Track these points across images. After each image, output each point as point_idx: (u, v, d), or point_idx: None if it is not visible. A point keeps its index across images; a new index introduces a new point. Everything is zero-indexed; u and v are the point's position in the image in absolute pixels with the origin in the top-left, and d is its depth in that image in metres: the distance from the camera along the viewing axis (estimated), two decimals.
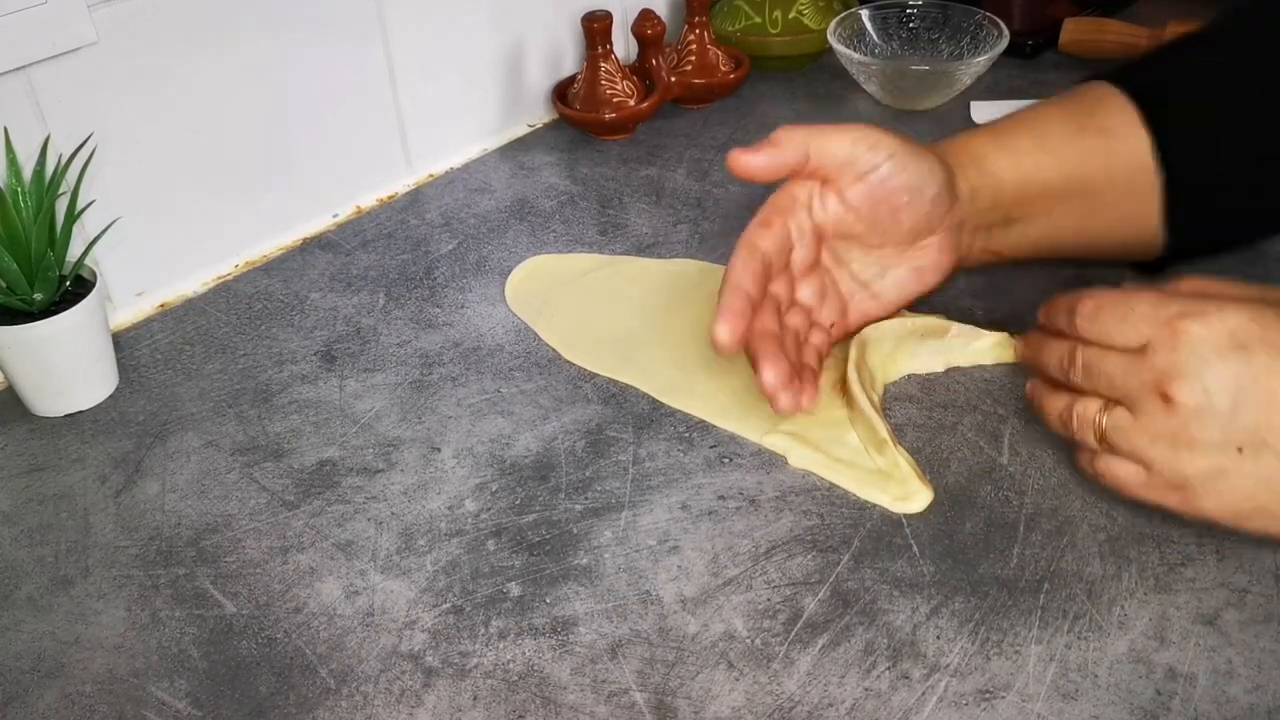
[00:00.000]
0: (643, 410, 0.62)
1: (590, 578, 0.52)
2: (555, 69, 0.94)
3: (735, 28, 0.99)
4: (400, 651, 0.49)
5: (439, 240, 0.79)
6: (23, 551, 0.55)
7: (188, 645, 0.50)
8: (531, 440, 0.60)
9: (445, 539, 0.54)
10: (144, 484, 0.59)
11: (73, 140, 0.65)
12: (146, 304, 0.74)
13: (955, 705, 0.45)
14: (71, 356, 0.62)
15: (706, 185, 0.83)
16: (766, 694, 0.46)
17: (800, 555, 0.52)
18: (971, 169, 0.59)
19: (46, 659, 0.50)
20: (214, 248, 0.76)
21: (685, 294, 0.70)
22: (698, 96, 0.94)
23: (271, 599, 0.52)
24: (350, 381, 0.65)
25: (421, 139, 0.86)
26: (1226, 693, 0.45)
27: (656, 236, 0.77)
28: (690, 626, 0.49)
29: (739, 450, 0.59)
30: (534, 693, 0.47)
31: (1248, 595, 0.49)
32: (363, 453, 0.60)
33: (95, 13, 0.65)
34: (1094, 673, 0.46)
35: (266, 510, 0.57)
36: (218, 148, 0.74)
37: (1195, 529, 0.52)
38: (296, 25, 0.75)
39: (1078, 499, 0.54)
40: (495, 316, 0.70)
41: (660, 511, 0.55)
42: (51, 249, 0.61)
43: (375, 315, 0.71)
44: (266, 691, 0.48)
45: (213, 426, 0.63)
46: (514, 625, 0.50)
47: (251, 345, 0.69)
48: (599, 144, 0.90)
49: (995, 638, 0.48)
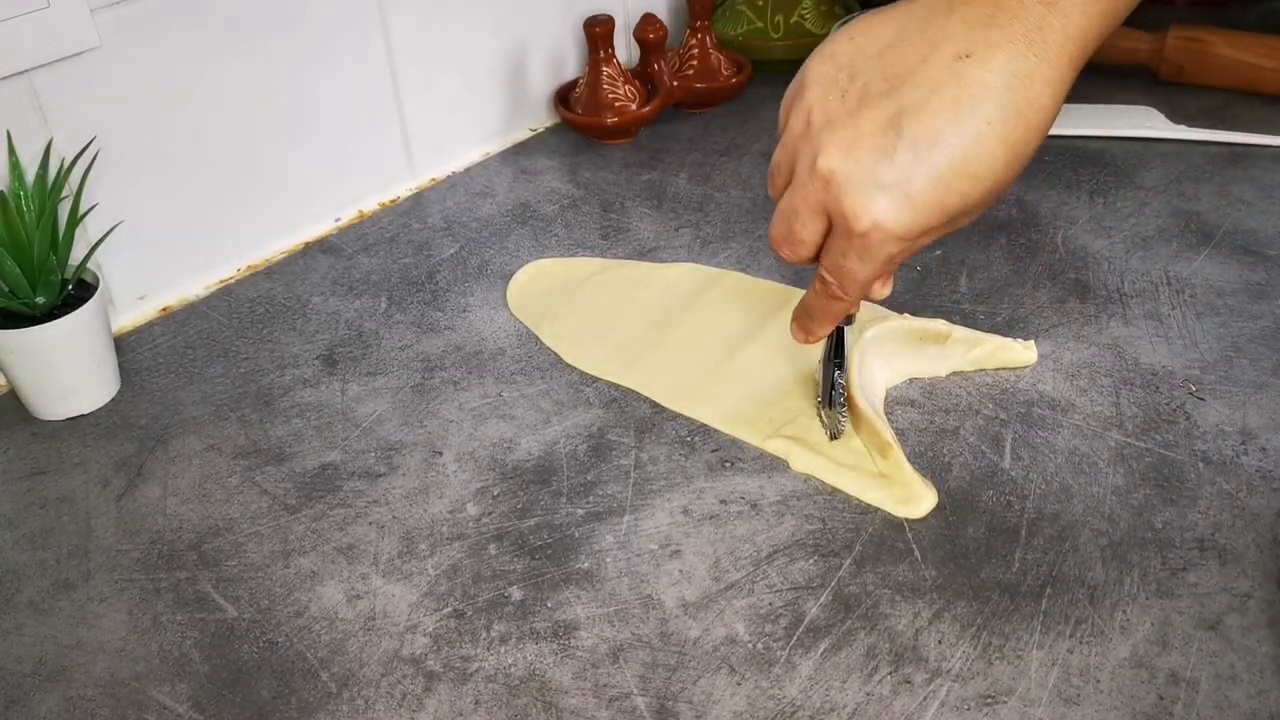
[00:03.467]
0: (644, 414, 0.62)
1: (592, 582, 0.52)
2: (557, 73, 0.94)
3: (737, 32, 0.99)
4: (402, 655, 0.49)
5: (441, 244, 0.79)
6: (24, 555, 0.55)
7: (189, 649, 0.50)
8: (533, 444, 0.60)
9: (447, 543, 0.54)
10: (146, 488, 0.59)
11: (75, 144, 0.65)
12: (148, 308, 0.74)
13: (957, 710, 0.45)
14: (73, 360, 0.62)
15: (708, 189, 0.83)
16: (768, 698, 0.46)
17: (802, 560, 0.52)
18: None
19: (48, 662, 0.50)
20: (216, 251, 0.77)
21: (687, 298, 0.70)
22: (700, 101, 0.94)
23: (273, 603, 0.52)
24: (352, 385, 0.65)
25: (423, 143, 0.86)
26: (1229, 698, 0.45)
27: (658, 241, 0.77)
28: (692, 631, 0.49)
29: (740, 454, 0.59)
30: (535, 697, 0.47)
31: (1250, 600, 0.49)
32: (364, 457, 0.60)
33: (98, 17, 0.65)
34: (1096, 678, 0.46)
35: (268, 514, 0.57)
36: (220, 151, 0.74)
37: (1197, 534, 0.52)
38: (299, 29, 0.75)
39: (1080, 504, 0.54)
40: (497, 320, 0.70)
41: (662, 515, 0.55)
42: (54, 252, 0.61)
43: (377, 319, 0.71)
44: (268, 695, 0.48)
45: (214, 430, 0.63)
46: (515, 629, 0.50)
47: (253, 349, 0.69)
48: (601, 148, 0.90)
49: (997, 642, 0.48)
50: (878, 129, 0.45)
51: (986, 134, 0.44)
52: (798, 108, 0.49)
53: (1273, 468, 0.55)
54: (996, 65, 0.43)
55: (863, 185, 0.45)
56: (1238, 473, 0.55)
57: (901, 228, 0.46)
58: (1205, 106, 0.87)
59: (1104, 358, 0.63)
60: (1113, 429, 0.58)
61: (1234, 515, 0.53)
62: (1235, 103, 0.88)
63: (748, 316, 0.68)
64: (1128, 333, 0.65)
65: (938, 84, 0.44)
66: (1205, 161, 0.81)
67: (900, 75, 0.45)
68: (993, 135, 0.44)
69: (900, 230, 0.46)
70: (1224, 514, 0.53)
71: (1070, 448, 0.57)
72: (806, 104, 0.48)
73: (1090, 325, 0.65)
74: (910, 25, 0.46)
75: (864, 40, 0.47)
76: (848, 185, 0.46)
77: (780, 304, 0.69)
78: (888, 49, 0.46)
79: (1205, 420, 0.58)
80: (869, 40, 0.47)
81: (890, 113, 0.45)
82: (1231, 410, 0.59)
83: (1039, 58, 0.44)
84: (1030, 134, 0.45)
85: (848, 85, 0.46)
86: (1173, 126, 0.84)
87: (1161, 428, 0.58)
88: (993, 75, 0.43)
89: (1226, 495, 0.54)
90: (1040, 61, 0.44)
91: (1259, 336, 0.64)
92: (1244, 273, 0.69)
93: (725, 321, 0.68)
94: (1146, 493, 0.54)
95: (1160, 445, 0.57)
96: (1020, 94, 0.44)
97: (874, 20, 0.47)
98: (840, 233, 0.48)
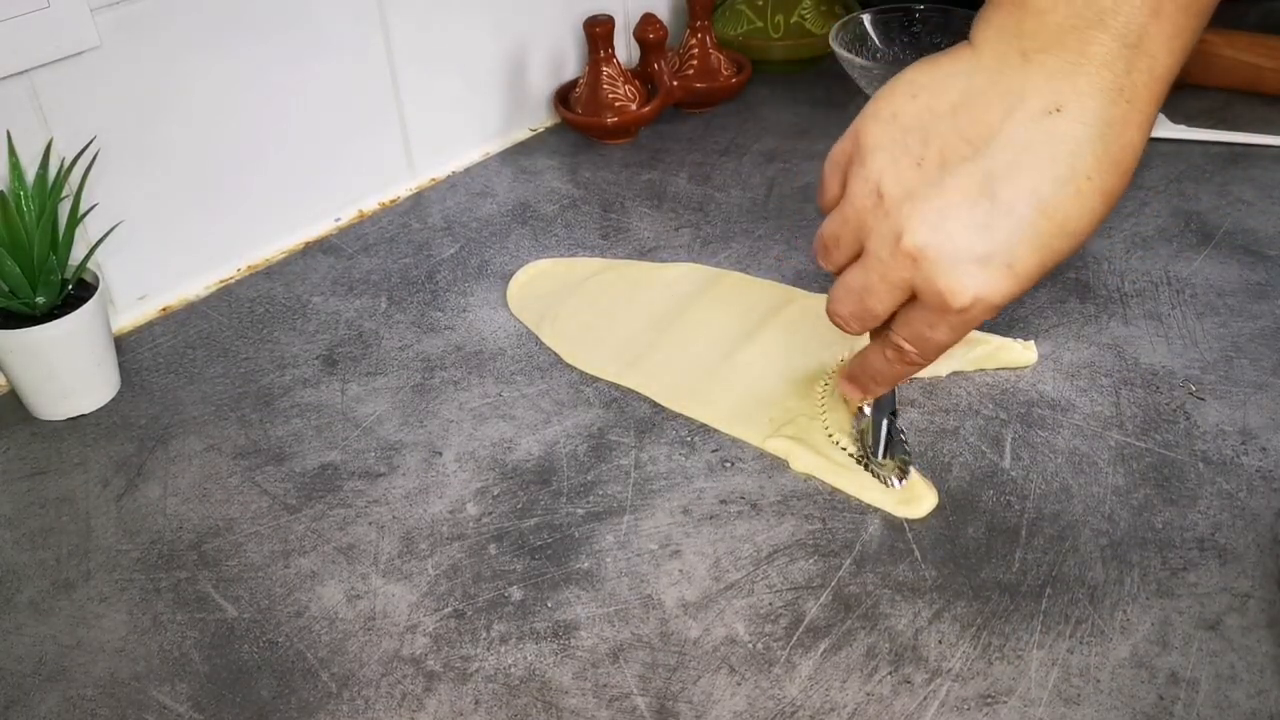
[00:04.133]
0: (644, 414, 0.62)
1: (592, 582, 0.52)
2: (557, 73, 0.94)
3: (737, 32, 0.99)
4: (402, 655, 0.49)
5: (441, 244, 0.79)
6: (24, 555, 0.55)
7: (189, 649, 0.50)
8: (533, 444, 0.60)
9: (447, 543, 0.54)
10: (146, 488, 0.59)
11: (75, 144, 0.65)
12: (148, 307, 0.74)
13: (957, 710, 0.45)
14: (73, 360, 0.62)
15: (708, 189, 0.83)
16: (768, 698, 0.46)
17: (802, 560, 0.52)
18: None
19: (48, 662, 0.50)
20: (216, 251, 0.77)
21: (687, 298, 0.70)
22: (700, 101, 0.94)
23: (273, 603, 0.52)
24: (352, 385, 0.66)
25: (423, 143, 0.86)
26: (1229, 698, 0.45)
27: (658, 240, 0.77)
28: (692, 631, 0.49)
29: (741, 454, 0.59)
30: (535, 697, 0.47)
31: (1250, 600, 0.49)
32: (364, 456, 0.60)
33: (98, 17, 0.65)
34: (1096, 678, 0.46)
35: (268, 514, 0.57)
36: (220, 151, 0.74)
37: (1197, 534, 0.52)
38: (299, 28, 0.75)
39: (1080, 504, 0.54)
40: (497, 320, 0.70)
41: (662, 516, 0.55)
42: (54, 252, 0.61)
43: (377, 319, 0.71)
44: (268, 695, 0.48)
45: (214, 430, 0.63)
46: (515, 629, 0.50)
47: (253, 349, 0.69)
48: (601, 148, 0.90)
49: (997, 642, 0.48)
50: (967, 197, 0.42)
51: (1086, 189, 0.41)
52: (859, 175, 0.45)
53: (1273, 468, 0.55)
54: (1090, 117, 0.41)
55: (958, 261, 0.42)
56: (1238, 473, 0.55)
57: (1003, 298, 0.43)
58: (1205, 106, 0.87)
59: (1104, 358, 0.63)
60: (1113, 429, 0.58)
61: (1234, 515, 0.53)
62: (1235, 103, 0.88)
63: (748, 316, 0.68)
64: (1128, 333, 0.65)
65: (1028, 142, 0.41)
66: (1205, 161, 0.81)
67: (982, 135, 0.42)
68: (1092, 189, 0.41)
69: (1002, 300, 0.43)
70: (1224, 514, 0.53)
71: (1070, 448, 0.57)
72: (872, 173, 0.44)
73: (1090, 325, 0.65)
74: (980, 79, 0.42)
75: (929, 98, 0.43)
76: (941, 262, 0.42)
77: (780, 304, 0.69)
78: (961, 107, 0.42)
79: (1205, 420, 0.58)
80: (935, 98, 0.43)
81: (979, 178, 0.42)
82: (1231, 410, 0.59)
83: (1130, 103, 0.41)
84: (1123, 179, 0.42)
85: (922, 150, 0.43)
86: (1173, 126, 0.84)
87: (1161, 428, 0.58)
88: (1086, 128, 0.41)
89: (1226, 495, 0.54)
90: (1132, 107, 0.41)
91: (1259, 336, 0.64)
92: (1244, 273, 0.69)
93: (725, 321, 0.68)
94: (1146, 493, 0.54)
95: (1160, 445, 0.57)
96: (1115, 142, 0.41)
97: (935, 74, 0.43)
98: (930, 307, 0.44)
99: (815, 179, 0.83)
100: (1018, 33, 0.41)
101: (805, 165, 0.85)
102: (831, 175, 0.47)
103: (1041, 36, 0.41)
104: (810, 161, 0.85)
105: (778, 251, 0.75)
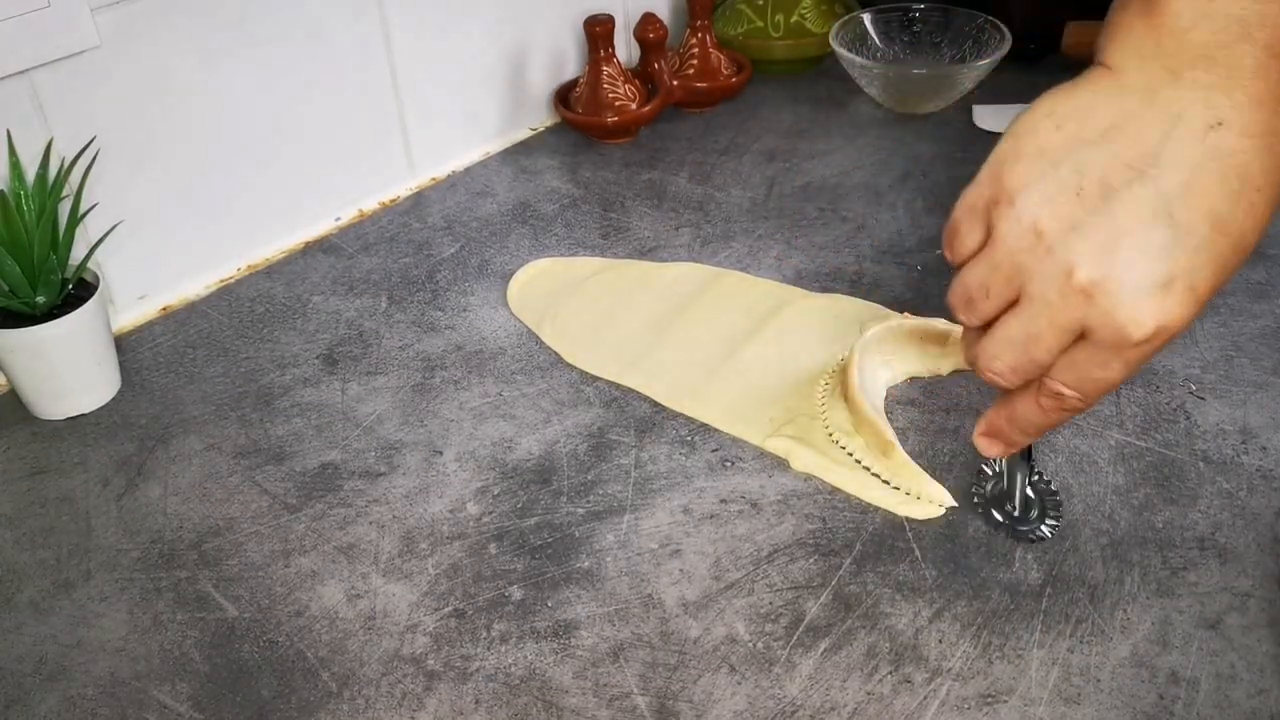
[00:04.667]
0: (644, 414, 0.62)
1: (592, 581, 0.52)
2: (557, 73, 0.94)
3: (737, 31, 0.99)
4: (402, 655, 0.49)
5: (441, 244, 0.79)
6: (25, 554, 0.55)
7: (189, 648, 0.50)
8: (533, 444, 0.60)
9: (447, 542, 0.54)
10: (146, 487, 0.59)
11: (75, 143, 0.65)
12: (149, 307, 0.74)
13: (958, 709, 0.45)
14: (74, 359, 0.62)
15: (708, 189, 0.83)
16: (768, 698, 0.46)
17: (802, 559, 0.52)
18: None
19: (48, 662, 0.50)
20: (216, 251, 0.77)
21: (687, 298, 0.70)
22: (700, 100, 0.94)
23: (273, 602, 0.52)
24: (352, 385, 0.66)
25: (423, 142, 0.86)
26: (1229, 697, 0.45)
27: (658, 240, 0.77)
28: (692, 630, 0.49)
29: (741, 454, 0.59)
30: (536, 696, 0.47)
31: (1250, 600, 0.49)
32: (364, 456, 0.60)
33: (98, 16, 0.65)
34: (1096, 677, 0.46)
35: (268, 513, 0.57)
36: (220, 151, 0.74)
37: (1197, 534, 0.52)
38: (299, 28, 0.75)
39: (1080, 503, 0.54)
40: (497, 320, 0.70)
41: (662, 515, 0.55)
42: (54, 252, 0.61)
43: (377, 318, 0.71)
44: (268, 695, 0.48)
45: (215, 430, 0.63)
46: (516, 629, 0.50)
47: (253, 348, 0.69)
48: (601, 147, 0.90)
49: (998, 642, 0.48)
50: (1140, 223, 0.40)
51: (1258, 201, 0.40)
52: (1008, 217, 0.42)
53: (1273, 467, 0.55)
54: (1253, 129, 0.40)
55: (1138, 290, 0.40)
56: (1238, 472, 0.55)
57: (1184, 324, 0.41)
58: None
59: None
60: (1113, 428, 0.58)
61: (1234, 514, 0.53)
62: None
63: (748, 316, 0.68)
64: None
65: (1196, 160, 0.40)
66: None
67: (1144, 158, 0.40)
68: (1263, 200, 0.40)
69: (1183, 326, 0.41)
70: (1224, 513, 0.53)
71: (1070, 447, 0.57)
72: (1025, 212, 0.42)
73: None
74: (1130, 101, 0.41)
75: (1075, 127, 0.41)
76: (1121, 293, 0.40)
77: (780, 304, 0.69)
78: (1114, 131, 0.41)
79: (1205, 419, 0.58)
80: (1082, 125, 0.41)
81: (1151, 201, 0.40)
82: (1232, 409, 0.59)
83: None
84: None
85: (1079, 181, 0.41)
86: None
87: (1162, 427, 0.58)
88: (1250, 140, 0.40)
89: (1227, 494, 0.54)
90: None
91: (1259, 336, 0.64)
92: (1244, 272, 0.69)
93: (725, 321, 0.68)
94: (1147, 492, 0.54)
95: (1160, 444, 0.57)
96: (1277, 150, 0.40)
97: (1076, 102, 0.42)
98: (1104, 345, 0.42)
99: (815, 178, 0.83)
100: (1158, 52, 0.41)
101: (805, 165, 0.85)
102: (969, 223, 0.45)
103: (1186, 54, 0.40)
104: (810, 161, 0.85)
105: (778, 251, 0.75)
